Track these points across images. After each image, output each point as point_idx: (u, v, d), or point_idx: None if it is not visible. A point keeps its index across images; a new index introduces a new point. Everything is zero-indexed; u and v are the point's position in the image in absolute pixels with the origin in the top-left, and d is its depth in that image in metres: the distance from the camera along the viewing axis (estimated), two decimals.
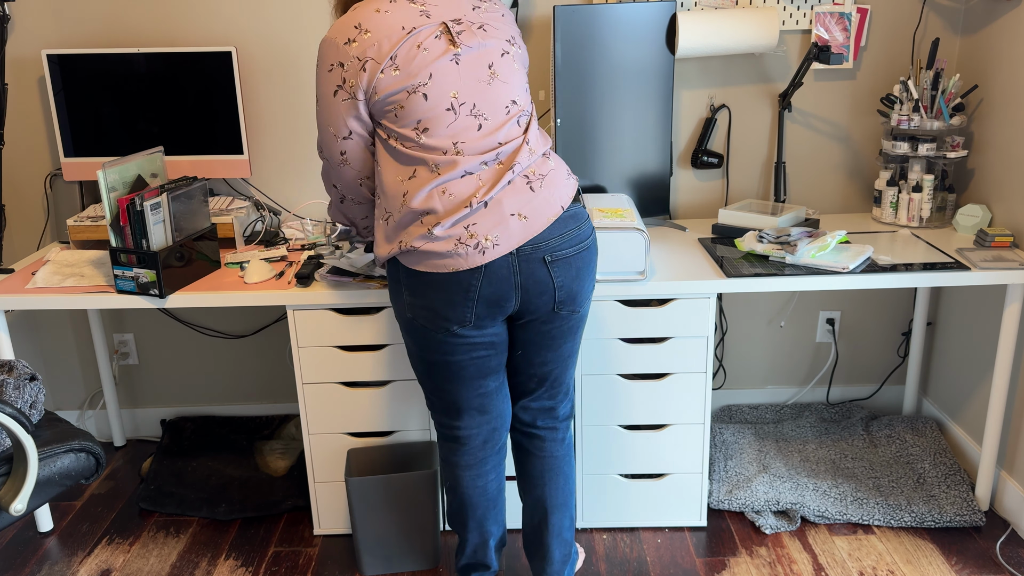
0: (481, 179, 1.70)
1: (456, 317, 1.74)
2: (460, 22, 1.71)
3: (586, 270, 1.80)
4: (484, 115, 1.71)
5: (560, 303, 1.79)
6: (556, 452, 1.99)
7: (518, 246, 1.70)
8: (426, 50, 1.68)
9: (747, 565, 2.27)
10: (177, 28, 2.63)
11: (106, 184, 2.08)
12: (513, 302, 1.76)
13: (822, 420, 2.89)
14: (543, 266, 1.73)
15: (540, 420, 1.98)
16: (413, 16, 1.69)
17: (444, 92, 1.69)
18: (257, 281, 2.24)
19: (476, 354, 1.82)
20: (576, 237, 1.77)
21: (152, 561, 2.35)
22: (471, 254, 1.68)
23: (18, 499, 1.64)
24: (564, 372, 1.93)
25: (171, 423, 2.94)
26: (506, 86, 1.74)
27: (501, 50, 1.74)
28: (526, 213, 1.70)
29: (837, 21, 2.61)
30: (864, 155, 2.76)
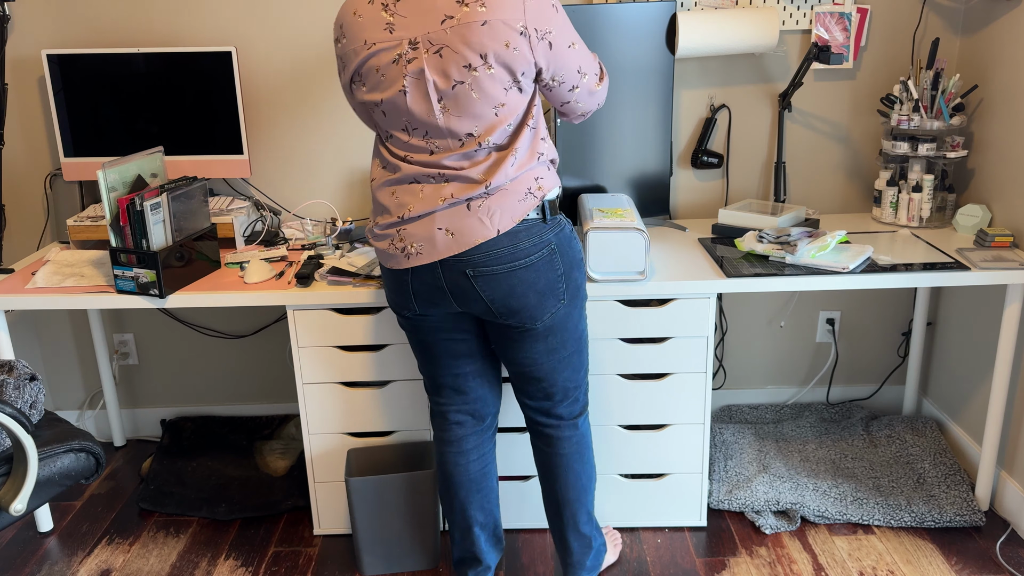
0: (424, 191, 1.75)
1: (403, 304, 1.87)
2: (416, 46, 1.65)
3: (525, 288, 1.77)
4: (435, 144, 1.73)
5: (500, 315, 1.80)
6: (563, 450, 2.00)
7: (440, 259, 1.75)
8: (383, 76, 1.70)
9: (747, 565, 2.27)
10: (177, 28, 2.63)
11: (106, 184, 2.08)
12: (450, 301, 1.82)
13: (822, 420, 2.89)
14: (466, 278, 1.76)
15: (540, 418, 2.00)
16: (378, 29, 1.68)
17: (398, 115, 1.73)
18: (257, 281, 2.24)
19: (440, 336, 1.92)
20: (508, 255, 1.74)
21: (152, 561, 2.35)
22: (399, 257, 1.79)
23: (18, 499, 1.64)
24: (552, 374, 1.92)
25: (171, 423, 2.94)
26: (459, 120, 1.69)
27: (454, 81, 1.65)
28: (454, 230, 1.73)
29: (837, 21, 2.61)
30: (864, 155, 2.76)
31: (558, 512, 2.04)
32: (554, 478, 2.02)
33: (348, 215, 2.80)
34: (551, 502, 2.05)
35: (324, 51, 2.65)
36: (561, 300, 1.83)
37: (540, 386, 1.94)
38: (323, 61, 2.66)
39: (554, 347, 1.88)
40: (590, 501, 2.05)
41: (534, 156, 1.77)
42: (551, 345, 1.88)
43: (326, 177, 2.77)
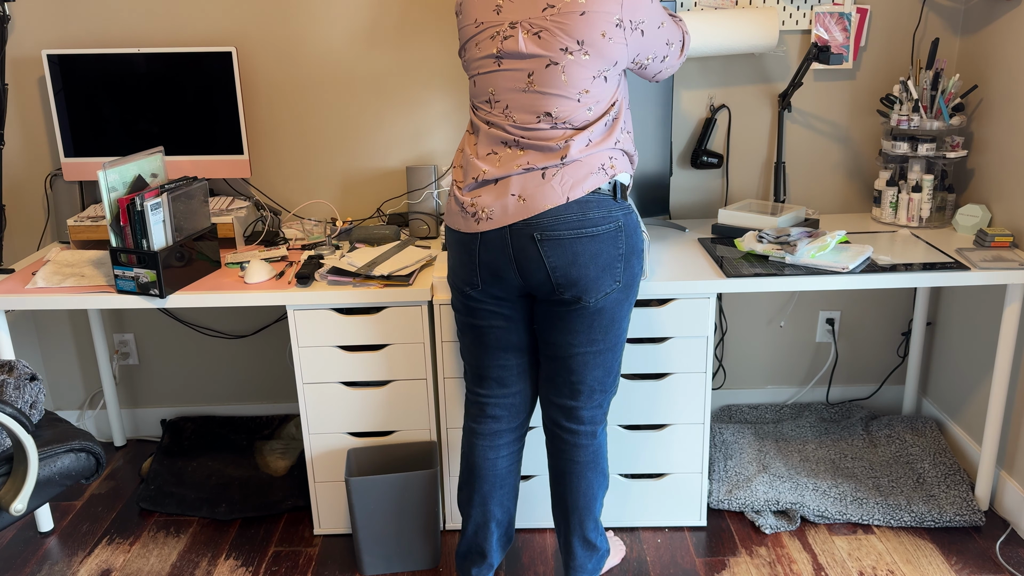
0: (501, 159, 1.81)
1: (467, 278, 1.88)
2: (515, 25, 1.75)
3: (587, 258, 1.79)
4: (512, 116, 1.80)
5: (559, 286, 1.81)
6: (578, 457, 2.00)
7: (510, 223, 1.78)
8: (479, 48, 1.81)
9: (747, 565, 2.27)
10: (177, 28, 2.63)
11: (106, 184, 2.08)
12: (513, 274, 1.83)
13: (822, 420, 2.89)
14: (533, 243, 1.78)
15: (563, 420, 1.99)
16: (488, 10, 1.79)
17: (485, 86, 1.82)
18: (257, 281, 2.24)
19: (493, 322, 1.92)
20: (576, 221, 1.78)
21: (152, 561, 2.35)
22: (469, 221, 1.83)
23: (18, 499, 1.64)
24: (585, 369, 1.92)
25: (171, 423, 2.94)
26: (543, 98, 1.77)
27: (549, 60, 1.74)
28: (526, 196, 1.77)
29: (837, 21, 2.61)
30: (864, 155, 2.76)
31: (565, 517, 2.04)
32: (566, 484, 2.02)
33: (348, 215, 2.80)
34: (560, 506, 2.05)
35: (324, 51, 2.65)
36: (617, 281, 1.84)
37: (569, 380, 1.94)
38: (323, 61, 2.66)
39: (596, 336, 1.88)
40: (598, 508, 2.05)
41: (609, 140, 1.81)
42: (594, 332, 1.87)
43: (326, 177, 2.77)
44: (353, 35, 2.64)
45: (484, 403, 2.04)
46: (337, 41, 2.64)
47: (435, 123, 2.72)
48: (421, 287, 2.18)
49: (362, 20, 2.63)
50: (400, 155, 2.75)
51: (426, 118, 2.71)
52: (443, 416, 2.30)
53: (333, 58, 2.66)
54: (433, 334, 2.26)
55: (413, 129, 2.73)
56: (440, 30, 2.63)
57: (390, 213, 2.76)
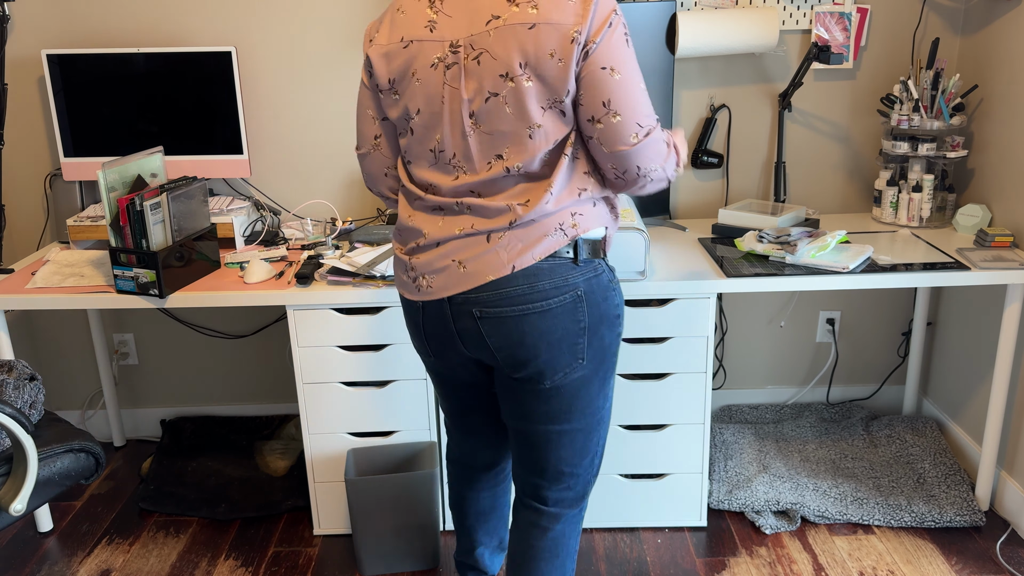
0: (444, 221, 1.57)
1: (419, 346, 1.72)
2: (457, 50, 1.48)
3: (536, 337, 1.54)
4: (462, 168, 1.54)
5: (506, 366, 1.59)
6: (533, 541, 1.74)
7: (448, 296, 1.56)
8: (419, 81, 1.52)
9: (747, 565, 2.27)
10: (177, 28, 2.63)
11: (106, 184, 2.08)
12: (460, 348, 1.63)
13: (822, 420, 2.89)
14: (473, 320, 1.56)
15: (527, 496, 1.76)
16: (419, 27, 1.51)
17: (429, 135, 1.55)
18: (257, 281, 2.24)
19: (454, 383, 1.78)
20: (522, 295, 1.52)
21: (152, 561, 2.35)
22: (411, 287, 1.62)
23: (18, 499, 1.64)
24: (548, 447, 1.67)
25: (171, 423, 2.94)
26: (489, 139, 1.50)
27: (488, 93, 1.47)
28: (468, 265, 1.53)
29: (837, 21, 2.61)
30: (864, 155, 2.76)
31: None
32: (515, 565, 1.77)
33: (348, 215, 2.80)
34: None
35: (324, 51, 2.65)
36: (579, 359, 1.58)
37: (531, 456, 1.70)
38: (323, 61, 2.66)
39: (559, 416, 1.63)
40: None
41: (575, 193, 1.54)
42: (556, 412, 1.62)
43: (326, 177, 2.77)
44: (353, 34, 2.64)
45: (455, 446, 1.95)
46: (337, 40, 2.64)
47: None
48: None
49: (362, 20, 2.63)
50: None
51: None
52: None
53: (333, 58, 2.66)
54: None
55: None
56: None
57: (390, 213, 2.75)
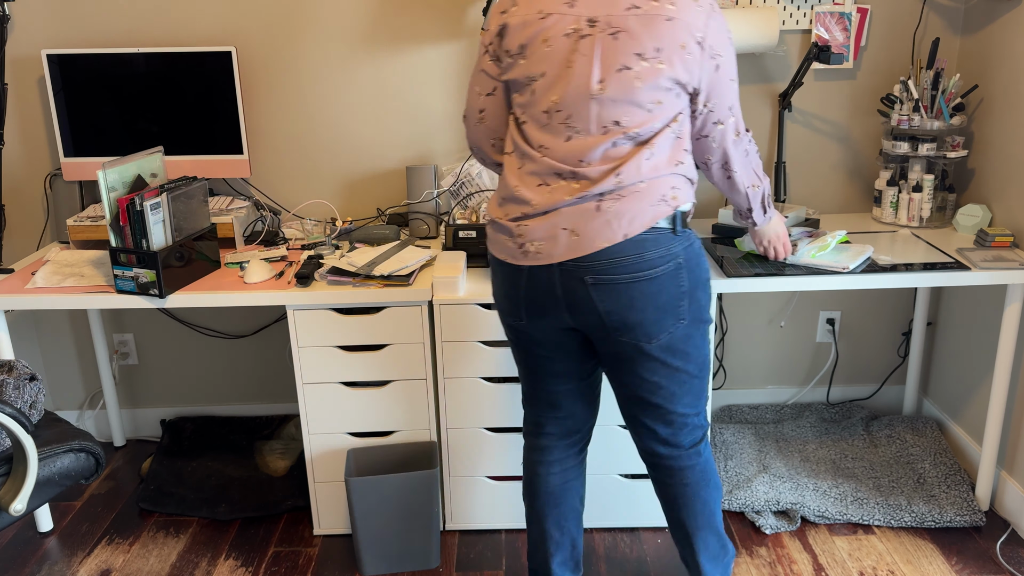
0: (552, 189, 1.66)
1: (511, 310, 1.78)
2: (595, 23, 1.62)
3: (645, 301, 1.66)
4: (576, 129, 1.65)
5: (614, 330, 1.69)
6: (687, 479, 1.87)
7: (560, 261, 1.65)
8: (549, 47, 1.64)
9: (747, 565, 2.27)
10: (177, 28, 2.63)
11: (106, 184, 2.08)
12: (562, 313, 1.71)
13: (822, 420, 2.89)
14: (583, 286, 1.66)
15: (659, 448, 1.86)
16: (558, 3, 1.64)
17: (547, 95, 1.66)
18: (257, 281, 2.24)
19: (540, 352, 1.83)
20: (633, 264, 1.64)
21: (152, 561, 2.35)
22: (515, 252, 1.70)
23: (18, 499, 1.64)
24: (670, 400, 1.79)
25: (171, 423, 2.94)
26: (612, 104, 1.62)
27: (622, 65, 1.60)
28: (579, 231, 1.64)
29: (837, 21, 2.61)
30: (864, 155, 2.76)
31: (687, 539, 1.92)
32: (679, 507, 1.90)
33: (348, 215, 2.80)
34: (678, 531, 1.93)
35: (324, 50, 2.65)
36: (681, 320, 1.71)
37: (657, 412, 1.81)
38: (323, 61, 2.66)
39: (673, 368, 1.75)
40: (718, 522, 1.93)
41: (672, 163, 1.68)
42: (669, 367, 1.75)
43: (326, 177, 2.77)
44: (353, 35, 2.64)
45: (535, 421, 1.97)
46: (337, 41, 2.64)
47: (435, 123, 2.72)
48: (421, 287, 2.18)
49: (362, 20, 2.63)
50: (400, 155, 2.75)
51: (426, 118, 2.71)
52: (443, 416, 2.30)
53: (333, 58, 2.66)
54: (433, 334, 2.26)
55: (413, 129, 2.73)
56: (440, 30, 2.63)
57: (390, 213, 2.76)
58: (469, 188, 2.62)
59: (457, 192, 2.65)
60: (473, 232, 2.40)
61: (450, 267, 2.22)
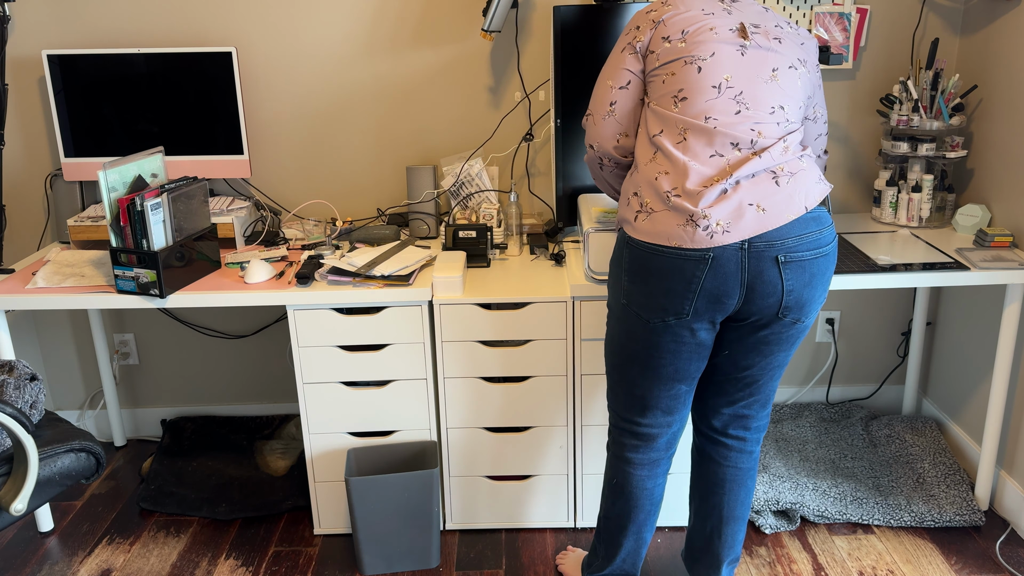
0: (729, 162, 1.67)
1: (673, 307, 1.69)
2: (759, 27, 1.74)
3: (820, 277, 1.71)
4: (746, 104, 1.69)
5: (786, 308, 1.70)
6: (742, 464, 1.92)
7: (750, 237, 1.63)
8: (716, 33, 1.71)
9: (747, 565, 2.27)
10: (177, 28, 2.63)
11: (106, 184, 2.08)
12: (736, 300, 1.68)
13: (822, 420, 2.89)
14: (774, 266, 1.65)
15: (732, 428, 1.90)
16: (715, 5, 1.76)
17: (718, 72, 1.69)
18: (257, 281, 2.24)
19: (680, 352, 1.76)
20: (816, 241, 1.68)
21: (152, 561, 2.35)
22: (699, 235, 1.63)
23: (18, 499, 1.64)
24: (770, 381, 1.85)
25: (171, 423, 2.94)
26: (781, 91, 1.71)
27: (789, 63, 1.73)
28: (765, 206, 1.64)
29: (837, 21, 2.61)
30: (864, 155, 2.76)
31: (717, 528, 1.94)
32: (723, 492, 1.92)
33: (348, 215, 2.80)
34: (710, 517, 1.95)
35: (324, 50, 2.65)
36: (825, 296, 1.78)
37: (750, 392, 1.85)
38: (323, 61, 2.66)
39: (790, 352, 1.81)
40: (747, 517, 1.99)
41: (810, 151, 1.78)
42: (791, 350, 1.80)
43: (326, 177, 2.77)
44: (353, 35, 2.64)
45: (647, 433, 1.88)
46: (337, 41, 2.64)
47: (435, 123, 2.72)
48: (421, 287, 2.18)
49: (362, 20, 2.63)
50: (400, 155, 2.75)
51: (426, 118, 2.71)
52: (443, 416, 2.30)
53: (333, 58, 2.66)
54: (433, 334, 2.26)
55: (413, 129, 2.73)
56: (440, 30, 2.64)
57: (390, 213, 2.76)
58: (469, 188, 2.63)
59: (457, 192, 2.65)
60: (473, 232, 2.40)
61: (450, 267, 2.23)
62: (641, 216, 1.70)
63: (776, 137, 1.69)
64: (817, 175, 1.72)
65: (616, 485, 1.94)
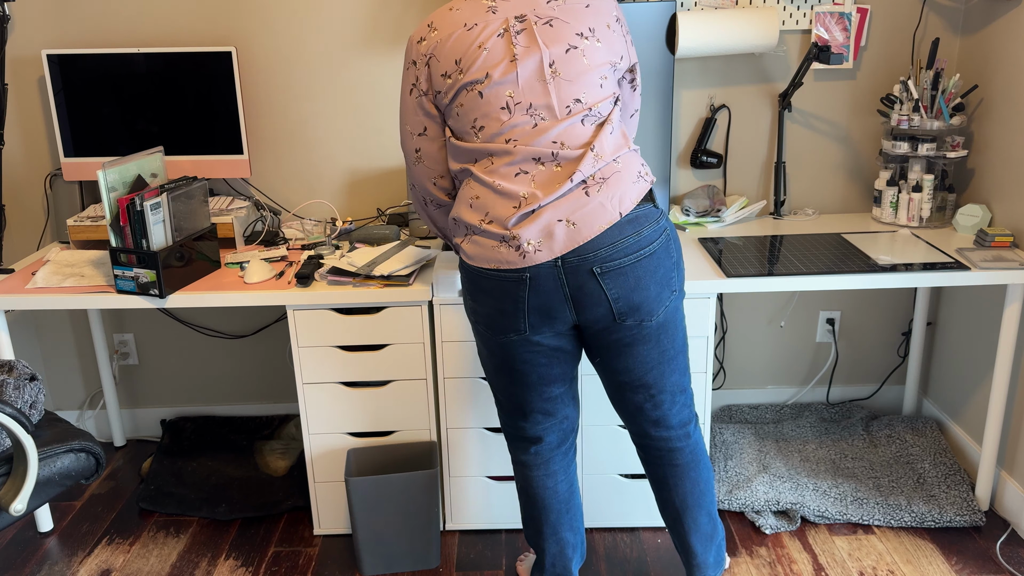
0: (535, 180, 1.66)
1: (511, 325, 1.74)
2: (524, 19, 1.67)
3: (648, 278, 1.68)
4: (540, 114, 1.67)
5: (621, 315, 1.70)
6: (676, 460, 1.90)
7: (562, 254, 1.64)
8: (486, 50, 1.66)
9: (747, 565, 2.27)
10: (177, 28, 2.63)
11: (106, 184, 2.08)
12: (567, 313, 1.70)
13: (822, 420, 2.89)
14: (592, 278, 1.66)
15: (652, 430, 1.88)
16: (479, 12, 1.69)
17: (500, 92, 1.67)
18: (257, 281, 2.24)
19: (538, 360, 1.80)
20: (634, 244, 1.66)
21: (152, 561, 2.35)
22: (513, 255, 1.65)
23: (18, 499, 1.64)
24: (661, 379, 1.81)
25: (171, 423, 2.94)
26: (569, 84, 1.66)
27: (567, 45, 1.66)
28: (575, 219, 1.63)
29: (837, 21, 2.61)
30: (864, 155, 2.76)
31: (678, 519, 1.94)
32: (670, 489, 1.92)
33: (348, 215, 2.80)
34: (668, 511, 1.96)
35: (324, 51, 2.65)
36: (674, 291, 1.74)
37: (648, 394, 1.82)
38: (323, 61, 2.66)
39: (664, 347, 1.78)
40: (710, 501, 1.95)
41: (626, 140, 1.73)
42: (662, 345, 1.77)
43: (326, 177, 2.77)
44: (353, 35, 2.64)
45: (532, 436, 1.93)
46: (337, 41, 2.64)
47: None
48: (421, 287, 2.18)
49: (362, 20, 2.63)
50: (400, 155, 2.75)
51: None
52: (443, 416, 2.30)
53: (333, 58, 2.66)
54: (433, 334, 2.26)
55: None
56: None
57: (390, 213, 2.76)
58: None
59: None
60: None
61: (450, 267, 2.22)
62: (465, 241, 1.73)
63: (583, 141, 1.67)
64: (634, 173, 1.69)
65: (521, 490, 1.99)
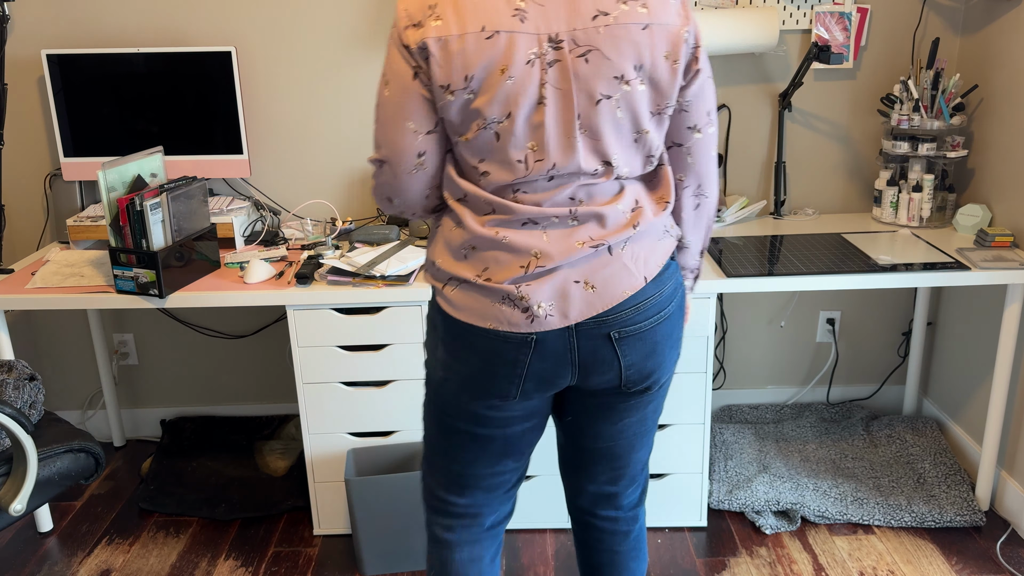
0: (547, 235, 1.34)
1: (498, 390, 1.42)
2: (560, 45, 1.27)
3: (666, 343, 1.43)
4: (560, 173, 1.33)
5: (628, 383, 1.44)
6: (617, 547, 1.66)
7: (577, 321, 1.36)
8: (511, 80, 1.27)
9: (747, 565, 2.27)
10: (177, 28, 2.63)
11: (106, 184, 2.08)
12: (569, 378, 1.42)
13: (822, 420, 2.89)
14: (608, 343, 1.38)
15: (600, 508, 1.65)
16: (503, 15, 1.26)
17: (519, 142, 1.31)
18: (257, 281, 2.24)
19: (510, 430, 1.50)
20: (656, 305, 1.40)
21: (152, 561, 2.35)
22: (516, 316, 1.35)
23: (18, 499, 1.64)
24: (630, 453, 1.57)
25: (171, 423, 2.94)
26: (594, 144, 1.32)
27: (600, 94, 1.29)
28: (595, 282, 1.35)
29: (837, 21, 2.61)
30: (864, 155, 2.76)
31: None
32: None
33: (348, 215, 2.80)
34: None
35: (324, 50, 2.65)
36: (679, 353, 1.50)
37: (611, 466, 1.58)
38: (323, 61, 2.66)
39: (648, 420, 1.54)
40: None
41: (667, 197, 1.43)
42: (646, 418, 1.53)
43: (326, 177, 2.77)
44: (353, 35, 2.64)
45: (464, 513, 1.61)
46: (337, 41, 2.64)
47: None
48: (421, 287, 2.18)
49: (362, 20, 2.63)
50: None
51: None
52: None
53: (333, 58, 2.66)
54: None
55: None
56: None
57: None
58: None
59: None
60: None
61: None
62: (450, 287, 1.39)
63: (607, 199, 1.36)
64: (660, 229, 1.40)
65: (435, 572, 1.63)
